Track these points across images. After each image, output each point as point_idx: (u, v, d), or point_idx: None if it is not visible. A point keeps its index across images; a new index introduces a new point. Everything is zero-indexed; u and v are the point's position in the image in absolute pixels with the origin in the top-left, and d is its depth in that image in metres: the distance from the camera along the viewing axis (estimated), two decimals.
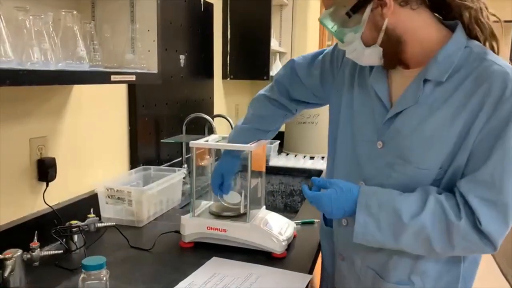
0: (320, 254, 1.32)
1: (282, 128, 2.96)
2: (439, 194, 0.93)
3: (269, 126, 1.34)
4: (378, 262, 1.05)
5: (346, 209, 0.98)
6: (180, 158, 2.05)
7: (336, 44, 1.16)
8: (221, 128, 2.52)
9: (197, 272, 1.13)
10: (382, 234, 0.95)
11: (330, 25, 0.99)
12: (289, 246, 1.29)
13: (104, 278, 0.88)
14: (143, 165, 1.74)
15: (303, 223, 1.50)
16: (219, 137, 1.44)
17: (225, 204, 1.35)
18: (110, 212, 1.46)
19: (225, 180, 1.32)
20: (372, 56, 0.99)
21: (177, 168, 1.72)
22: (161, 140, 1.90)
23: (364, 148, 1.06)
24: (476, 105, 0.90)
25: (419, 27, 0.95)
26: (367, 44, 0.97)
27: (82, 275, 0.87)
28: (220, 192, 1.34)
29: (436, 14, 0.99)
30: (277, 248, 1.22)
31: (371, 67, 1.07)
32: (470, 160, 0.92)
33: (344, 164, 1.13)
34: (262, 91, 1.35)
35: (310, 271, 1.16)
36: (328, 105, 1.27)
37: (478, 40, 0.97)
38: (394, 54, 0.98)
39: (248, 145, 1.25)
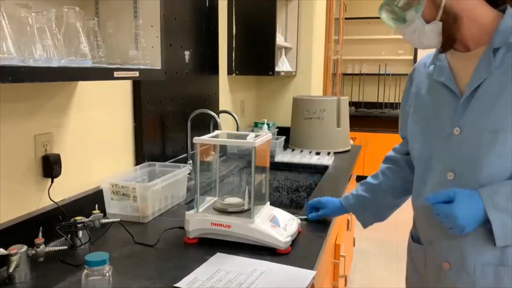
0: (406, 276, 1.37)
1: (288, 124, 2.98)
2: None
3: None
4: (495, 254, 1.03)
5: (476, 217, 0.97)
6: (185, 154, 2.05)
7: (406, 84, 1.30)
8: (227, 124, 2.52)
9: (201, 268, 1.13)
10: None
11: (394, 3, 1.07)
12: (294, 242, 1.28)
13: (107, 274, 0.88)
14: (148, 161, 1.74)
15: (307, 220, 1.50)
16: (224, 133, 1.44)
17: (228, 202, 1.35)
18: (115, 208, 1.47)
19: (322, 211, 1.47)
20: (432, 34, 1.05)
21: (182, 164, 1.72)
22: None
23: (441, 141, 1.10)
24: None
25: (474, 5, 1.03)
26: (427, 21, 1.04)
27: (85, 271, 0.88)
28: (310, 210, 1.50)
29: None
30: (281, 244, 1.22)
31: (433, 70, 1.16)
32: None
33: (430, 164, 1.13)
34: None
35: (314, 267, 1.16)
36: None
37: None
38: (452, 32, 1.04)
39: (252, 140, 1.24)
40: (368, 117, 5.81)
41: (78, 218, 1.25)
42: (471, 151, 1.03)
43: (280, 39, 2.83)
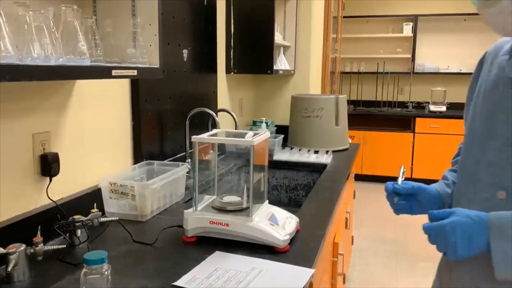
0: None
1: (287, 122, 2.98)
2: None
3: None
4: None
5: (474, 238, 0.85)
6: (183, 153, 2.05)
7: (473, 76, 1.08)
8: (225, 122, 2.52)
9: (199, 266, 1.13)
10: None
11: None
12: (292, 240, 1.28)
13: (106, 273, 0.88)
14: (146, 159, 1.74)
15: None
16: (222, 131, 1.44)
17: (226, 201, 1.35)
18: (113, 207, 1.47)
19: (413, 206, 1.12)
20: None
21: (180, 163, 1.72)
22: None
23: (496, 149, 0.94)
24: None
25: None
26: None
27: (84, 270, 0.88)
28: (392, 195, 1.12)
29: None
30: (280, 242, 1.22)
31: (507, 61, 0.97)
32: None
33: (477, 172, 0.98)
34: None
35: (313, 265, 1.16)
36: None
37: None
38: None
39: (250, 139, 1.24)
40: (366, 116, 5.82)
41: (77, 217, 1.25)
42: None
43: (278, 38, 2.83)
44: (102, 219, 1.31)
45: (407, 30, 5.91)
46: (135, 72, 1.21)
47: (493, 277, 0.88)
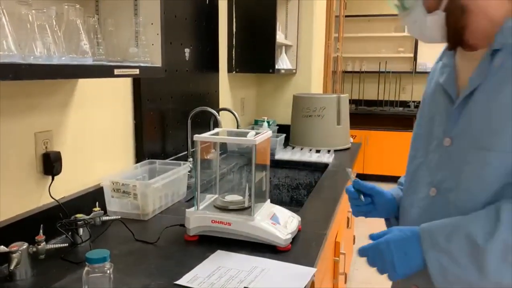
0: None
1: (288, 121, 2.98)
2: None
3: None
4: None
5: (409, 253, 0.87)
6: (185, 152, 2.05)
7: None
8: (227, 122, 2.52)
9: (201, 265, 1.14)
10: (463, 269, 0.82)
11: None
12: (294, 239, 1.28)
13: (108, 271, 0.89)
14: (148, 159, 1.74)
15: None
16: (224, 131, 1.44)
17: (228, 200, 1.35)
18: (115, 206, 1.47)
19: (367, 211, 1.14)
20: (434, 27, 0.92)
21: (182, 162, 1.72)
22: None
23: (431, 151, 0.98)
24: None
25: None
26: (429, 10, 0.91)
27: (86, 268, 0.88)
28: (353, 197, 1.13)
29: None
30: (281, 241, 1.22)
31: (439, 67, 1.03)
32: None
33: (419, 175, 1.02)
34: None
35: (315, 265, 1.16)
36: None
37: None
38: (458, 26, 0.90)
39: (252, 138, 1.24)
40: (368, 115, 5.81)
41: (79, 216, 1.25)
42: (456, 168, 0.90)
43: (280, 37, 2.83)
44: (104, 218, 1.31)
45: None
46: (137, 71, 1.21)
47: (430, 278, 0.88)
